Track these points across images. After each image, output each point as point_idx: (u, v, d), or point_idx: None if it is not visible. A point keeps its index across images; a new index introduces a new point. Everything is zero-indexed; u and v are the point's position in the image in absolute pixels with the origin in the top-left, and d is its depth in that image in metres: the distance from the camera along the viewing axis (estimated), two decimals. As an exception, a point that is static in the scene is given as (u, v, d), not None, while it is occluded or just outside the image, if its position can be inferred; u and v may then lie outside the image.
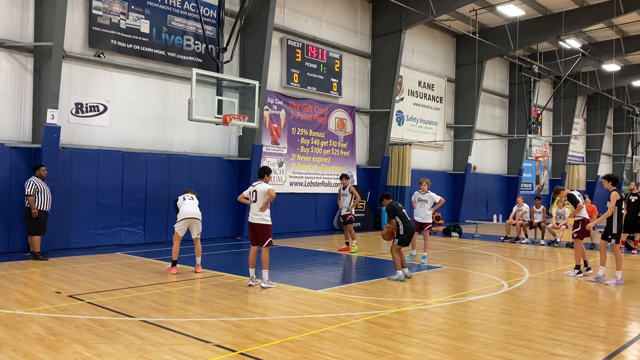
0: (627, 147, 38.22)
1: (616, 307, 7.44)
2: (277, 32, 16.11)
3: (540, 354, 5.20)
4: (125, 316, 6.28)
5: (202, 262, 9.60)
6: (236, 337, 5.62)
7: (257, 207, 8.22)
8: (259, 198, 8.20)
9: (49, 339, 5.36)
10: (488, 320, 6.49)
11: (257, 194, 8.23)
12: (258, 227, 8.23)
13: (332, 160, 18.17)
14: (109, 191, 12.58)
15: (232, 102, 12.92)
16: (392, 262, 11.30)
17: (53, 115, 11.01)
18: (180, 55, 13.95)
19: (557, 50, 25.27)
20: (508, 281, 9.13)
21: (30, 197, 10.26)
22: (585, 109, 34.43)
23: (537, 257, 12.68)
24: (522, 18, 21.09)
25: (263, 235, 8.21)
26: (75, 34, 12.11)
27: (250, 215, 8.32)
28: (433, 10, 17.76)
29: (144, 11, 13.18)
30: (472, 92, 23.08)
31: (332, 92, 18.03)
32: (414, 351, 5.21)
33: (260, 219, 8.21)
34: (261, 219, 8.21)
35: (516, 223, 15.78)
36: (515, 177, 26.99)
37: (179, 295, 7.51)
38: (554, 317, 6.71)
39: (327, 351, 5.13)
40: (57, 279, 8.49)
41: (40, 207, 10.39)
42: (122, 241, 12.74)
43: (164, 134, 13.81)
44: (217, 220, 14.76)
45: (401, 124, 20.86)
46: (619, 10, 19.40)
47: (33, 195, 10.28)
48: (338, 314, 6.62)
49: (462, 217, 22.78)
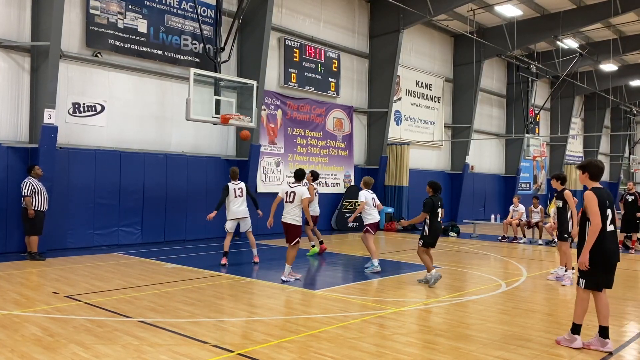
0: (625, 147, 38.31)
1: (614, 307, 7.42)
2: (274, 32, 16.10)
3: (538, 353, 5.20)
4: (122, 317, 6.26)
5: (200, 262, 9.58)
6: (234, 337, 5.61)
7: (291, 207, 8.70)
8: (297, 199, 8.68)
9: (46, 339, 5.34)
10: (486, 320, 6.49)
11: (295, 196, 8.69)
12: (290, 227, 8.72)
13: (330, 160, 18.16)
14: (107, 191, 12.55)
15: (230, 101, 12.90)
16: (389, 262, 11.31)
17: (50, 115, 10.98)
18: (178, 55, 13.93)
19: (554, 50, 25.31)
20: (506, 281, 9.13)
21: (27, 198, 10.22)
22: (583, 108, 34.49)
23: (535, 257, 12.69)
24: (519, 18, 21.13)
25: (292, 235, 8.72)
26: (72, 34, 12.08)
27: (283, 214, 8.80)
28: (431, 10, 17.78)
29: (142, 11, 13.15)
30: (470, 91, 23.10)
31: (330, 92, 18.02)
32: (412, 351, 5.20)
33: (292, 219, 8.71)
34: (293, 219, 8.71)
35: (512, 223, 15.79)
36: (513, 176, 27.02)
37: (177, 295, 7.49)
38: (552, 317, 6.71)
39: (325, 351, 5.12)
40: (54, 279, 8.47)
41: (37, 207, 10.34)
42: (119, 241, 12.72)
43: (162, 134, 13.78)
44: (215, 220, 14.65)
45: (399, 123, 20.86)
46: (616, 10, 19.44)
47: (30, 196, 10.23)
48: (336, 314, 6.61)
49: (460, 216, 22.80)
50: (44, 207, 10.53)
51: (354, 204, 18.46)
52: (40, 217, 10.42)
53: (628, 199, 13.96)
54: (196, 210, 14.21)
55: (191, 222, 14.13)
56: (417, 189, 21.08)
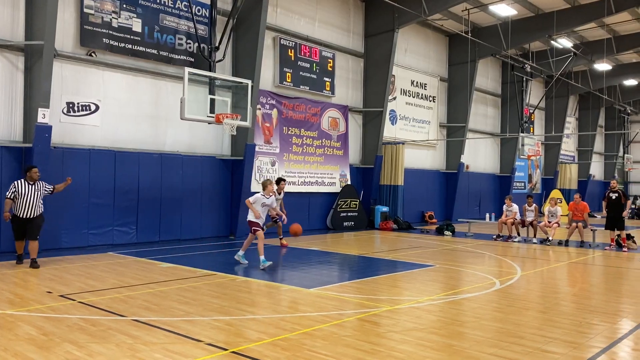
0: (619, 146, 38.50)
1: (607, 305, 7.48)
2: (269, 32, 16.09)
3: (532, 350, 5.22)
4: (117, 315, 6.25)
5: (194, 262, 9.57)
6: (228, 335, 5.62)
7: None
8: None
9: (40, 338, 5.33)
10: (480, 317, 6.51)
11: None
12: None
13: (326, 159, 18.17)
14: (101, 191, 12.52)
15: (225, 101, 12.90)
16: (384, 261, 11.34)
17: (44, 114, 10.95)
18: (173, 55, 13.90)
19: (549, 50, 25.41)
20: (500, 279, 9.17)
21: (7, 200, 9.54)
22: (577, 108, 34.63)
23: (529, 255, 12.74)
24: (514, 17, 21.19)
25: None
26: (66, 33, 12.05)
27: None
28: (425, 10, 17.80)
29: (136, 10, 13.13)
30: (465, 91, 23.16)
31: (325, 92, 18.03)
32: (405, 349, 5.22)
33: None
34: None
35: (507, 222, 15.84)
36: (507, 175, 27.10)
37: (171, 294, 7.48)
38: (545, 315, 6.74)
39: (319, 349, 5.13)
40: (48, 279, 8.45)
41: (18, 213, 9.56)
42: (114, 241, 12.69)
43: (157, 133, 13.76)
44: (210, 220, 14.74)
45: (394, 123, 20.89)
46: (610, 9, 19.54)
47: (10, 199, 9.53)
48: (330, 312, 6.62)
49: (455, 215, 22.84)
50: (27, 215, 9.58)
51: (349, 203, 18.48)
52: (17, 224, 9.64)
53: (612, 196, 14.00)
54: (191, 209, 14.22)
55: (186, 221, 14.12)
56: (412, 188, 21.20)
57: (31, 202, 9.63)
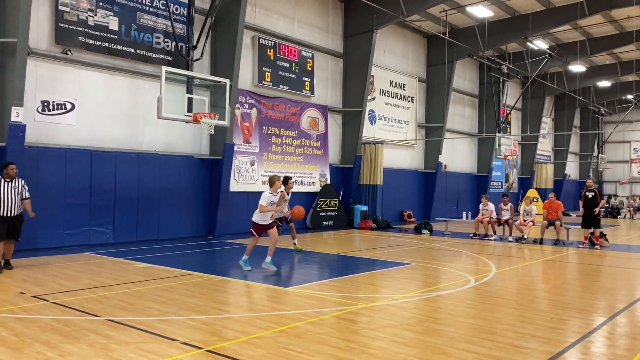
0: (594, 146, 39.26)
1: (579, 301, 7.64)
2: (248, 31, 16.06)
3: (503, 346, 5.32)
4: (91, 315, 6.20)
5: (172, 261, 9.50)
6: (204, 334, 5.61)
7: None
8: None
9: (11, 339, 5.27)
10: (454, 314, 6.61)
11: None
12: None
13: (305, 159, 18.20)
14: (77, 190, 12.37)
15: (203, 100, 12.84)
16: (363, 259, 11.41)
17: (18, 113, 10.78)
18: (150, 53, 13.79)
19: (525, 51, 25.81)
20: (475, 276, 9.30)
21: None
22: (553, 108, 35.22)
23: (505, 253, 12.93)
24: (490, 19, 21.47)
25: None
26: (41, 31, 11.87)
27: None
28: (404, 11, 17.95)
29: (113, 8, 12.99)
30: (443, 91, 23.39)
31: (305, 91, 18.06)
32: (380, 345, 5.28)
33: None
34: None
35: (483, 220, 16.05)
36: (485, 175, 27.45)
37: (147, 294, 7.44)
38: (518, 311, 6.87)
39: (294, 347, 5.16)
40: (21, 280, 8.33)
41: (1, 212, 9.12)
42: (90, 241, 12.54)
43: (134, 132, 13.64)
44: (189, 220, 14.66)
45: (373, 123, 21.01)
46: (583, 12, 19.96)
47: None
48: (307, 310, 6.65)
49: (433, 214, 23.05)
50: (9, 213, 9.15)
51: (328, 202, 18.54)
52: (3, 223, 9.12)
53: (588, 195, 14.28)
54: (169, 209, 14.12)
55: (164, 221, 14.02)
56: (391, 187, 21.34)
57: (12, 199, 9.23)
